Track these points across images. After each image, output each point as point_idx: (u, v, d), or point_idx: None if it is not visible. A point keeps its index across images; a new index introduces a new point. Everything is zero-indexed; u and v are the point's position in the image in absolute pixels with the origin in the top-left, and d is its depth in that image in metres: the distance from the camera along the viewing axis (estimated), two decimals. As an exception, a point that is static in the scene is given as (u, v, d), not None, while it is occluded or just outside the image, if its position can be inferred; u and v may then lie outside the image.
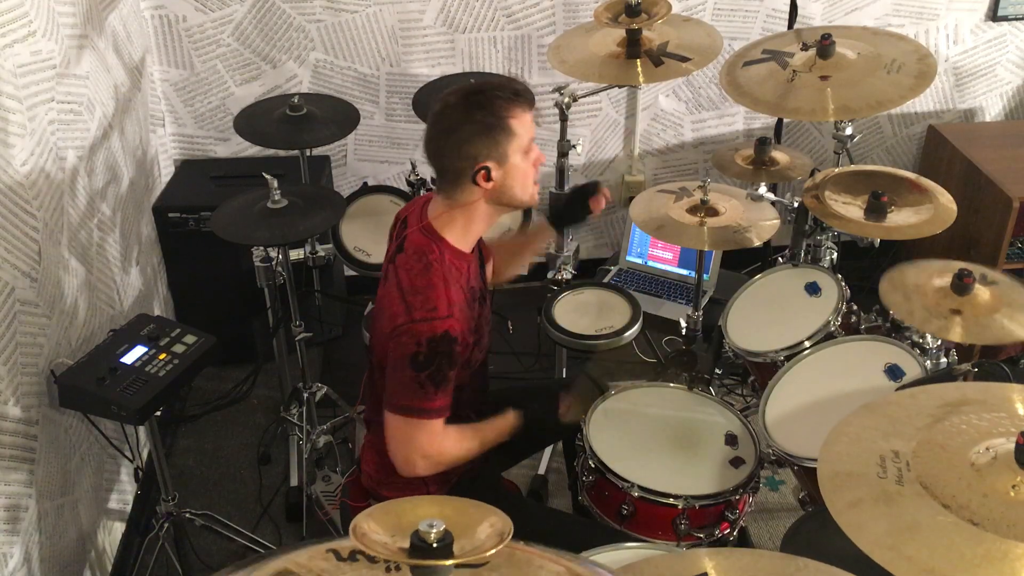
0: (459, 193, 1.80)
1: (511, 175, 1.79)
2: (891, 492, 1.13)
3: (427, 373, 1.73)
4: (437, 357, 1.72)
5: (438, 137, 1.79)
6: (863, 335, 2.21)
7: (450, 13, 3.21)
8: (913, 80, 2.13)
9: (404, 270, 1.79)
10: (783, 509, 2.70)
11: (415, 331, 1.72)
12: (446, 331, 1.72)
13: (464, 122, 1.74)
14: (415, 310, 1.73)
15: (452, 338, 1.73)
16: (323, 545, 0.86)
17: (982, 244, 3.18)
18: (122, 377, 2.08)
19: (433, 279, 1.76)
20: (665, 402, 2.22)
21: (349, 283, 3.54)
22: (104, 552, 2.49)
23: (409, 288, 1.76)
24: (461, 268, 1.84)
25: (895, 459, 1.17)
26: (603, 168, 3.58)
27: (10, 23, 2.07)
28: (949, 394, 1.30)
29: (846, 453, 1.22)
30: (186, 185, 3.24)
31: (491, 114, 1.74)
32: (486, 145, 1.74)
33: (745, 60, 2.35)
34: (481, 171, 1.75)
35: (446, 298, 1.74)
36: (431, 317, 1.72)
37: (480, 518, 0.86)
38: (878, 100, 2.12)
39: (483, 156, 1.75)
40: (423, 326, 1.72)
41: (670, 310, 3.16)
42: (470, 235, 1.86)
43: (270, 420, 3.10)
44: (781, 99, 2.20)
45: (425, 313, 1.72)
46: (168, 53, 3.19)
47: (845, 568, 1.12)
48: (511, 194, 1.81)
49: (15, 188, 2.04)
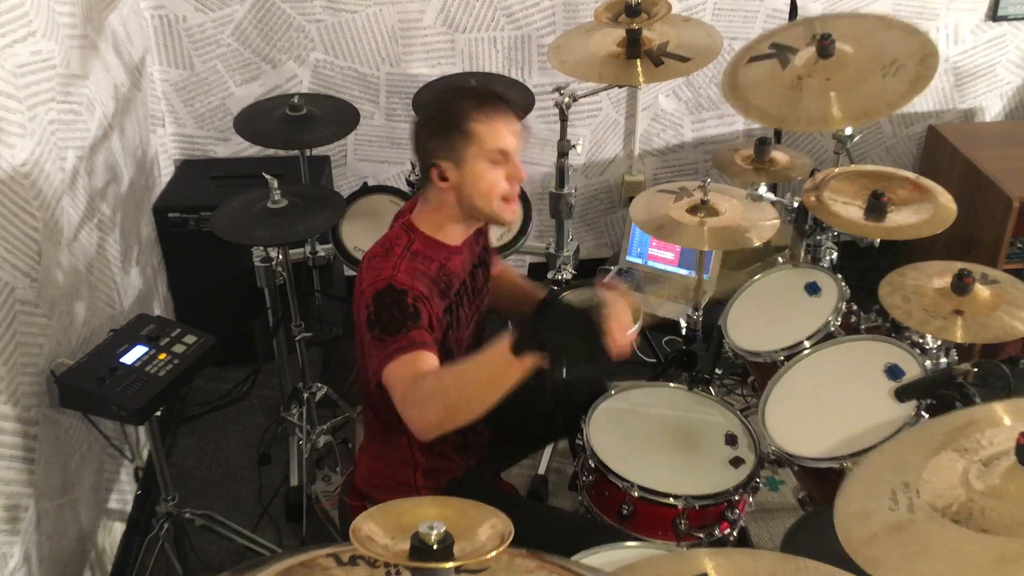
0: (429, 189, 1.84)
1: (471, 180, 1.78)
2: (903, 521, 1.12)
3: (381, 325, 1.69)
4: (386, 308, 1.70)
5: (411, 133, 1.87)
6: (863, 335, 2.21)
7: (450, 13, 3.21)
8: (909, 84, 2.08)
9: (367, 256, 1.83)
10: (783, 509, 2.70)
11: (364, 296, 1.74)
12: (388, 284, 1.72)
13: (427, 119, 1.82)
14: (364, 282, 1.76)
15: (398, 289, 1.71)
16: (323, 550, 0.86)
17: (982, 244, 3.18)
18: (122, 377, 2.08)
19: (390, 257, 1.78)
20: (665, 402, 2.22)
21: (349, 283, 3.54)
22: (104, 552, 2.49)
23: (365, 267, 1.80)
24: (435, 256, 1.84)
25: (905, 490, 1.16)
26: (603, 168, 3.58)
27: (10, 23, 2.06)
28: (957, 420, 1.29)
29: (860, 493, 1.21)
30: (186, 185, 3.23)
31: (449, 115, 1.78)
32: (439, 144, 1.78)
33: (752, 55, 2.32)
34: (433, 168, 1.78)
35: (392, 263, 1.76)
36: (375, 279, 1.74)
37: (481, 519, 0.86)
38: (887, 102, 2.03)
39: (438, 155, 1.78)
40: (368, 289, 1.74)
41: (670, 310, 3.16)
42: (447, 229, 1.86)
43: (270, 420, 3.09)
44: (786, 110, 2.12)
45: (371, 278, 1.75)
46: (168, 53, 3.19)
47: (845, 568, 1.12)
48: (471, 201, 1.81)
49: (15, 188, 2.04)
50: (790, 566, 1.16)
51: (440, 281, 1.83)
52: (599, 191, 3.63)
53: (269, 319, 2.84)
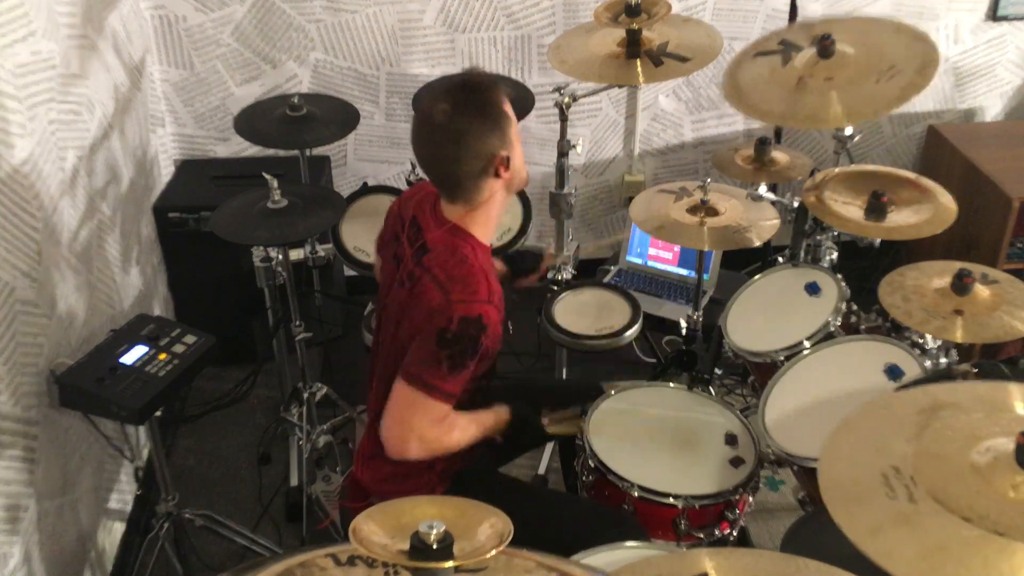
0: (477, 194, 1.81)
1: (516, 157, 1.83)
2: (907, 512, 1.11)
3: (449, 352, 1.72)
4: (463, 339, 1.72)
5: (446, 146, 1.77)
6: (863, 335, 2.21)
7: (450, 13, 3.21)
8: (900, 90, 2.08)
9: (438, 266, 1.78)
10: (783, 509, 2.70)
11: (450, 308, 1.72)
12: (480, 315, 1.72)
13: (473, 123, 1.75)
14: (453, 293, 1.73)
15: (483, 324, 1.73)
16: (322, 550, 0.86)
17: (982, 244, 3.18)
18: (122, 377, 2.07)
19: (472, 268, 1.77)
20: (665, 402, 2.22)
21: (349, 283, 3.54)
22: (104, 552, 2.49)
23: (447, 279, 1.75)
24: (492, 262, 1.87)
25: (897, 475, 1.16)
26: (603, 168, 3.58)
27: (10, 23, 2.07)
28: (922, 400, 1.29)
29: (847, 477, 1.20)
30: (186, 185, 3.24)
31: (494, 106, 1.77)
32: (498, 137, 1.77)
33: (759, 50, 2.32)
34: (502, 164, 1.78)
35: (487, 285, 1.76)
36: (469, 299, 1.73)
37: (480, 519, 0.86)
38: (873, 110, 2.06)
39: (499, 148, 1.77)
40: (459, 306, 1.72)
41: (670, 310, 3.16)
42: (491, 227, 1.89)
43: (270, 420, 3.10)
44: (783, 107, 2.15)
45: (465, 295, 1.73)
46: (168, 53, 3.19)
47: (845, 568, 1.12)
48: (519, 175, 1.86)
49: (15, 188, 2.04)
50: (790, 566, 1.16)
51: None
52: (599, 191, 3.63)
53: (269, 319, 2.84)
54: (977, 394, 1.29)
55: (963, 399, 1.28)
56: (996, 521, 1.07)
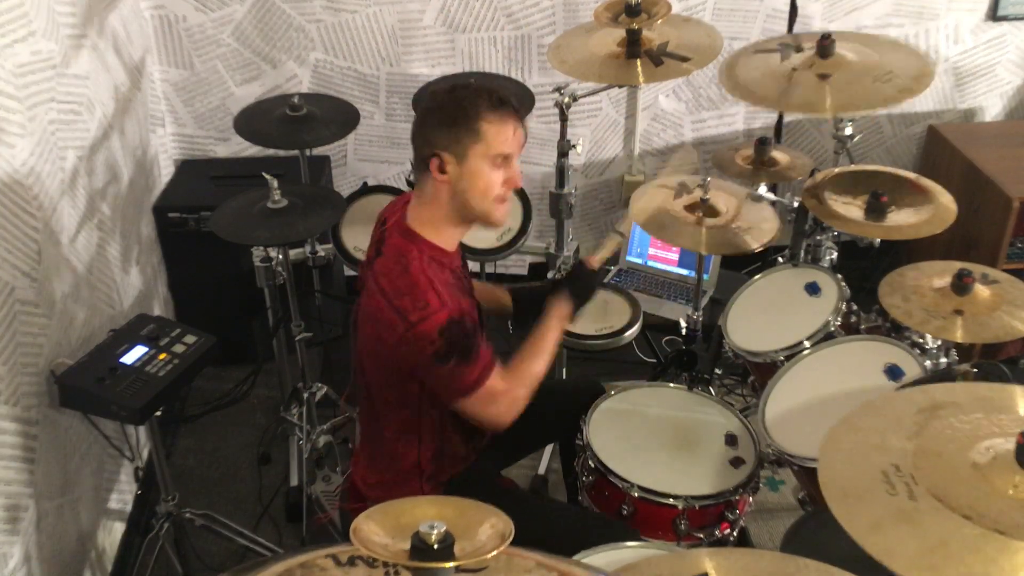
0: (425, 183, 1.82)
1: (468, 177, 1.78)
2: (908, 510, 1.11)
3: (454, 359, 1.74)
4: (455, 341, 1.74)
5: (415, 120, 1.85)
6: (863, 335, 2.21)
7: (450, 13, 3.21)
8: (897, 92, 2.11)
9: (384, 276, 1.80)
10: (783, 509, 2.70)
11: (420, 334, 1.72)
12: (448, 319, 1.73)
13: (435, 109, 1.79)
14: (409, 313, 1.73)
15: (456, 320, 1.74)
16: (322, 550, 0.86)
17: (982, 244, 3.18)
18: (122, 377, 2.08)
19: (414, 277, 1.76)
20: (665, 402, 2.22)
21: (349, 283, 3.54)
22: (104, 552, 2.49)
23: (393, 292, 1.76)
24: (443, 262, 1.85)
25: (898, 472, 1.16)
26: (603, 168, 3.58)
27: (10, 23, 2.07)
28: (922, 400, 1.29)
29: (847, 473, 1.20)
30: (186, 185, 3.23)
31: (461, 110, 1.76)
32: (445, 135, 1.76)
33: (758, 48, 2.34)
34: (434, 158, 1.77)
35: (433, 292, 1.75)
36: (427, 315, 1.72)
37: (481, 519, 0.86)
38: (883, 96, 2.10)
39: (440, 145, 1.77)
40: (424, 326, 1.72)
41: (670, 310, 3.16)
42: (445, 234, 1.86)
43: (270, 420, 3.10)
44: (782, 95, 2.18)
45: (420, 314, 1.72)
46: (168, 53, 3.19)
47: (845, 568, 1.12)
48: (465, 198, 1.80)
49: (15, 188, 2.04)
50: (790, 566, 1.16)
51: (451, 277, 1.85)
52: (599, 191, 3.63)
53: (269, 319, 2.84)
54: (977, 394, 1.29)
55: (963, 399, 1.28)
56: (996, 519, 1.08)
